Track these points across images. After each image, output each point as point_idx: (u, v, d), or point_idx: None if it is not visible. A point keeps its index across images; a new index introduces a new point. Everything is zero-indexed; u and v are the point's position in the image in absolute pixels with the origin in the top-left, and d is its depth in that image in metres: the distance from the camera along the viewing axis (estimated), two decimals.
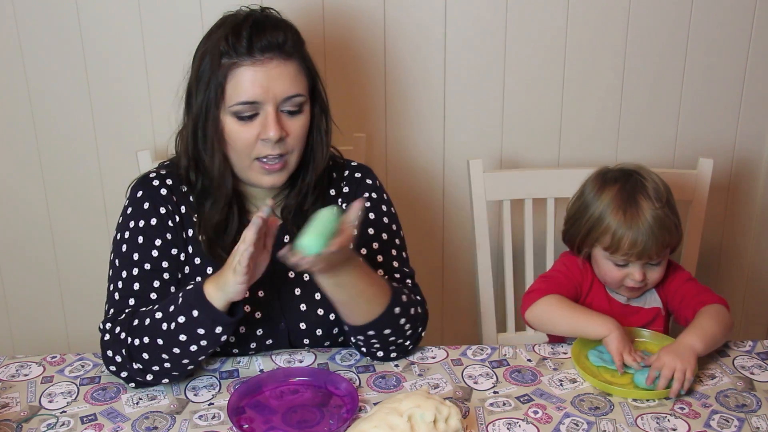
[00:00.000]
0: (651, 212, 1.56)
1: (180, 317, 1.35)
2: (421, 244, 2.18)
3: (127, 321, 1.41)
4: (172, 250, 1.51)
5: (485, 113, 2.11)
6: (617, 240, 1.57)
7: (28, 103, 2.01)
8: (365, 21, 2.00)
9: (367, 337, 1.48)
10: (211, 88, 1.42)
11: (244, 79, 1.41)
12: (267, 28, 1.42)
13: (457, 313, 2.30)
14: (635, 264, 1.59)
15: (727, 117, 2.17)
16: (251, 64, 1.41)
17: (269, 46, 1.41)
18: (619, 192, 1.60)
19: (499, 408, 1.40)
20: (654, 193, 1.58)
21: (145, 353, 1.38)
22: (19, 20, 1.94)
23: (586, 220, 1.62)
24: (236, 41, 1.40)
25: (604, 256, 1.61)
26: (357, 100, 2.06)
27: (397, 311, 1.47)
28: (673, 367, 1.42)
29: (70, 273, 2.17)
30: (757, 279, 2.36)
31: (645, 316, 1.67)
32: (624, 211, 1.57)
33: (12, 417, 1.37)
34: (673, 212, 1.60)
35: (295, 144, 1.47)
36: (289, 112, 1.45)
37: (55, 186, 2.09)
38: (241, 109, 1.42)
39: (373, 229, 1.57)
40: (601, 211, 1.60)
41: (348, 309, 1.45)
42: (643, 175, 1.62)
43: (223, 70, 1.41)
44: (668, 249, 1.61)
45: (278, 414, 1.37)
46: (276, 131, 1.42)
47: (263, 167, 1.46)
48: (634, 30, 2.06)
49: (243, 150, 1.45)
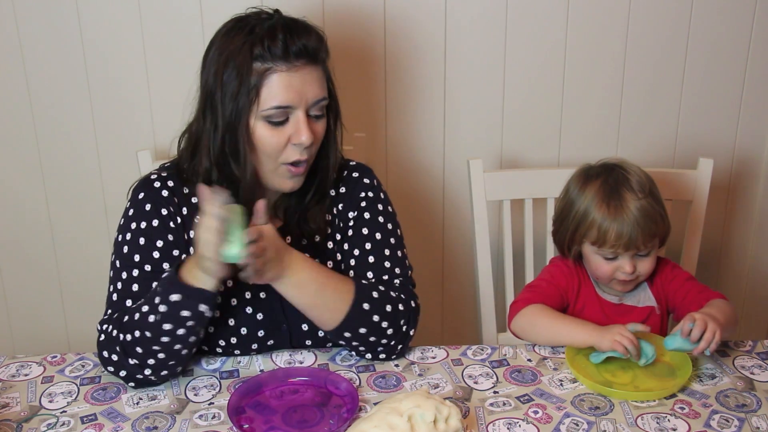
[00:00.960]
0: (635, 203, 1.57)
1: (161, 306, 1.35)
2: (421, 244, 2.19)
3: (119, 319, 1.42)
4: (173, 251, 1.50)
5: (485, 113, 2.11)
6: (603, 233, 1.58)
7: (28, 103, 2.01)
8: (365, 21, 2.00)
9: (346, 339, 1.49)
10: (242, 94, 1.41)
11: (280, 84, 1.40)
12: (301, 33, 1.42)
13: (457, 313, 2.30)
14: (624, 256, 1.60)
15: (727, 117, 2.17)
16: (287, 69, 1.40)
17: (303, 51, 1.41)
18: (602, 186, 1.61)
19: (499, 408, 1.40)
20: (637, 185, 1.59)
21: (138, 347, 1.39)
22: (19, 20, 1.94)
23: (573, 217, 1.63)
24: (272, 44, 1.39)
25: (593, 251, 1.62)
26: (357, 100, 2.06)
27: (366, 307, 1.47)
28: (705, 323, 1.43)
29: (70, 273, 2.18)
30: (757, 279, 2.36)
31: (638, 316, 1.67)
32: (608, 203, 1.58)
33: (12, 417, 1.38)
34: (658, 202, 1.61)
35: (317, 147, 1.49)
36: (316, 116, 1.46)
37: (55, 186, 2.09)
38: (274, 113, 1.42)
39: (367, 229, 1.58)
40: (585, 206, 1.61)
41: (317, 311, 1.46)
42: (625, 168, 1.63)
43: (256, 74, 1.40)
44: (656, 239, 1.61)
45: (278, 414, 1.37)
46: (308, 136, 1.43)
47: (290, 170, 1.47)
48: (634, 30, 2.06)
49: (272, 154, 1.45)
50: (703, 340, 1.44)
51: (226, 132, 1.44)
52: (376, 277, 1.55)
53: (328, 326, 1.48)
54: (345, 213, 1.59)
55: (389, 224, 1.61)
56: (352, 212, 1.59)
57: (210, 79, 1.45)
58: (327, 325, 1.48)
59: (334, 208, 1.59)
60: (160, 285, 1.38)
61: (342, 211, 1.59)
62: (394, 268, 1.58)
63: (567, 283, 1.67)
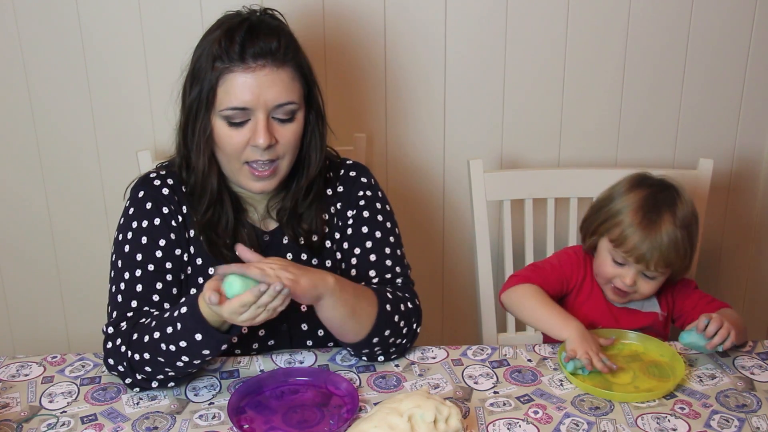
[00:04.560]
0: (668, 227, 1.56)
1: (181, 342, 1.33)
2: (421, 244, 2.19)
3: (128, 334, 1.40)
4: (175, 250, 1.50)
5: (485, 113, 2.11)
6: (624, 237, 1.58)
7: (28, 103, 2.01)
8: (365, 21, 2.00)
9: (372, 346, 1.47)
10: (203, 89, 1.42)
11: (235, 85, 1.40)
12: (261, 34, 1.41)
13: (457, 313, 2.30)
14: (631, 267, 1.60)
15: (727, 117, 2.17)
16: (243, 70, 1.40)
17: (262, 52, 1.40)
18: (648, 197, 1.60)
19: (499, 408, 1.40)
20: (680, 213, 1.58)
21: (147, 367, 1.38)
22: (19, 20, 1.94)
23: (607, 210, 1.63)
24: (229, 46, 1.40)
25: (607, 248, 1.62)
26: (357, 100, 2.06)
27: (389, 308, 1.47)
28: (721, 321, 1.45)
29: (70, 273, 2.17)
30: (758, 279, 2.36)
31: (643, 319, 1.67)
32: (643, 214, 1.58)
33: (12, 417, 1.37)
34: (690, 240, 1.60)
35: (285, 150, 1.46)
36: (280, 119, 1.44)
37: (55, 186, 2.09)
38: (231, 114, 1.42)
39: (366, 228, 1.57)
40: (623, 206, 1.61)
41: (355, 319, 1.43)
42: (679, 193, 1.62)
43: (215, 73, 1.41)
44: (668, 270, 1.61)
45: (278, 414, 1.37)
46: (265, 139, 1.41)
47: (252, 172, 1.46)
48: (634, 30, 2.06)
49: (232, 154, 1.45)
50: (717, 335, 1.46)
51: (186, 125, 1.46)
52: (379, 276, 1.55)
53: (361, 334, 1.45)
54: (343, 212, 1.59)
55: (388, 223, 1.61)
56: (350, 211, 1.59)
57: (188, 73, 1.47)
58: (359, 333, 1.44)
59: (331, 207, 1.59)
60: (180, 320, 1.34)
61: (340, 210, 1.59)
62: (395, 266, 1.58)
63: (571, 272, 1.68)
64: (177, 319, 1.34)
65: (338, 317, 1.41)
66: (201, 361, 1.37)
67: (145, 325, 1.39)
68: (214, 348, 1.35)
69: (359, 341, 1.46)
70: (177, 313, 1.35)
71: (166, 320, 1.36)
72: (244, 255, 1.35)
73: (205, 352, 1.35)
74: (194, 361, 1.36)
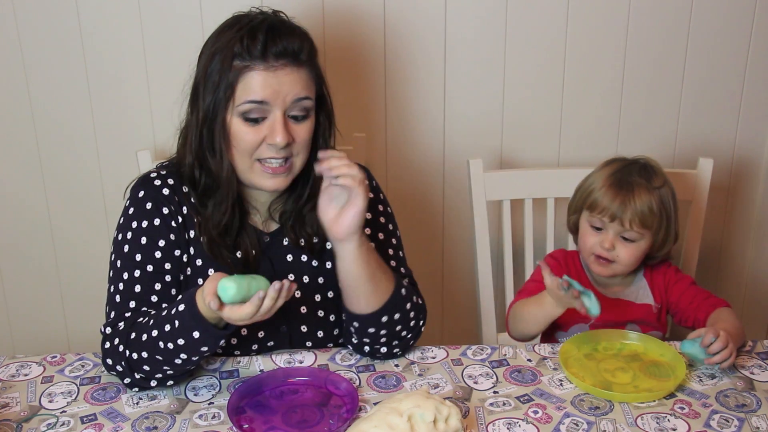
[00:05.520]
0: (640, 188, 1.61)
1: (180, 339, 1.33)
2: (421, 243, 2.19)
3: (125, 333, 1.40)
4: (175, 251, 1.50)
5: (485, 113, 2.11)
6: (597, 198, 1.63)
7: (28, 103, 2.01)
8: (365, 21, 2.00)
9: (379, 326, 1.47)
10: (220, 89, 1.42)
11: (255, 82, 1.41)
12: (283, 34, 1.42)
13: (457, 313, 2.30)
14: (609, 229, 1.63)
15: (727, 117, 2.17)
16: (264, 68, 1.40)
17: (284, 52, 1.41)
18: (621, 168, 1.66)
19: (499, 408, 1.40)
20: (653, 179, 1.63)
21: (145, 366, 1.38)
22: (19, 20, 1.94)
23: (583, 189, 1.69)
24: (251, 44, 1.40)
25: (585, 217, 1.66)
26: (357, 100, 2.06)
27: (404, 293, 1.48)
28: (727, 341, 1.45)
29: (70, 273, 2.17)
30: (757, 279, 2.36)
31: (636, 312, 1.68)
32: (615, 178, 1.64)
33: (12, 417, 1.38)
34: (664, 205, 1.64)
35: (300, 149, 1.47)
36: (295, 117, 1.45)
37: (55, 186, 2.09)
38: (249, 108, 1.42)
39: (369, 230, 1.57)
40: (596, 178, 1.67)
41: (373, 283, 1.45)
42: (653, 167, 1.67)
43: (234, 71, 1.41)
44: (646, 231, 1.63)
45: (278, 414, 1.37)
46: (283, 137, 1.42)
47: (265, 170, 1.46)
48: (634, 30, 2.06)
49: (245, 151, 1.45)
50: (719, 354, 1.45)
51: (204, 126, 1.45)
52: None
53: (372, 305, 1.46)
54: None
55: (390, 225, 1.61)
56: None
57: (198, 73, 1.47)
58: (371, 304, 1.46)
59: None
60: (177, 318, 1.34)
61: None
62: (399, 268, 1.58)
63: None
64: (174, 317, 1.34)
65: (355, 274, 1.43)
66: (199, 357, 1.38)
67: (142, 324, 1.39)
68: (212, 344, 1.35)
69: (368, 314, 1.46)
70: (174, 310, 1.35)
71: (164, 318, 1.36)
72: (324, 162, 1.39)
73: (203, 348, 1.35)
74: (192, 357, 1.37)
